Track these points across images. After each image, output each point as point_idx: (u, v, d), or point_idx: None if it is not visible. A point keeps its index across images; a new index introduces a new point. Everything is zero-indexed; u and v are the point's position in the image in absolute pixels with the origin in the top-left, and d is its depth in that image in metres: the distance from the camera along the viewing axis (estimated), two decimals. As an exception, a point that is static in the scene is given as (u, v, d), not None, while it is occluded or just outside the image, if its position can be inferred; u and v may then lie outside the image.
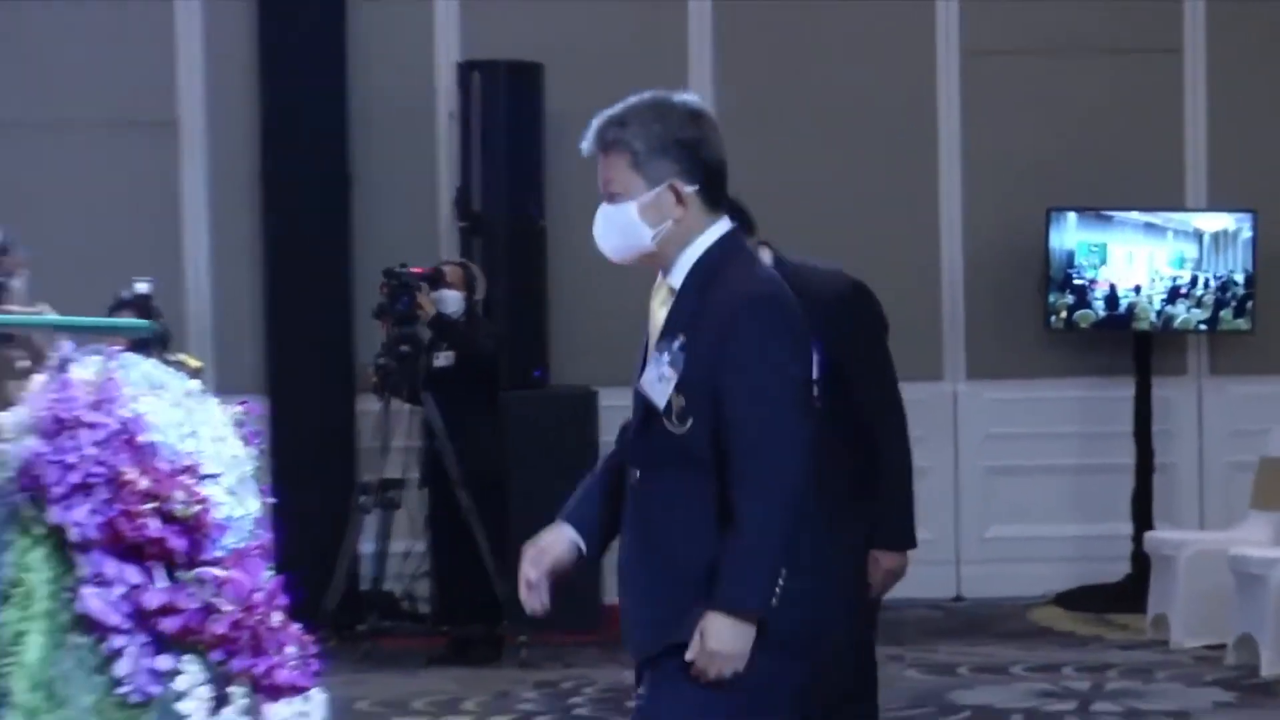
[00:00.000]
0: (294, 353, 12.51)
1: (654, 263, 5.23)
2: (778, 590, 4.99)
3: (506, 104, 12.21)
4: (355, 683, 10.53)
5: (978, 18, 13.17)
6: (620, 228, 5.19)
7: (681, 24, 13.06)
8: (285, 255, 12.58)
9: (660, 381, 5.10)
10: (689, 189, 5.13)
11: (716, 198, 5.20)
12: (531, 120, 12.31)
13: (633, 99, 5.32)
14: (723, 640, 4.99)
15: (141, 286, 10.46)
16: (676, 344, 5.09)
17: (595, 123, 5.26)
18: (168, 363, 4.83)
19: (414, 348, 11.35)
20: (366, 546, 11.81)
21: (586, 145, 5.24)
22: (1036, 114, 13.15)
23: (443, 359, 11.39)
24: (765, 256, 6.48)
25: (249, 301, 12.77)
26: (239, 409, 4.86)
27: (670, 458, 5.09)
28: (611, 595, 12.08)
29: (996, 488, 13.18)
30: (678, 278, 5.17)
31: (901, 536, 6.72)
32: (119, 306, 10.49)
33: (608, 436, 12.21)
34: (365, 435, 11.96)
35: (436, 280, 11.50)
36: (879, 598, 6.75)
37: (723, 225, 5.21)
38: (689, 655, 5.01)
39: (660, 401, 5.07)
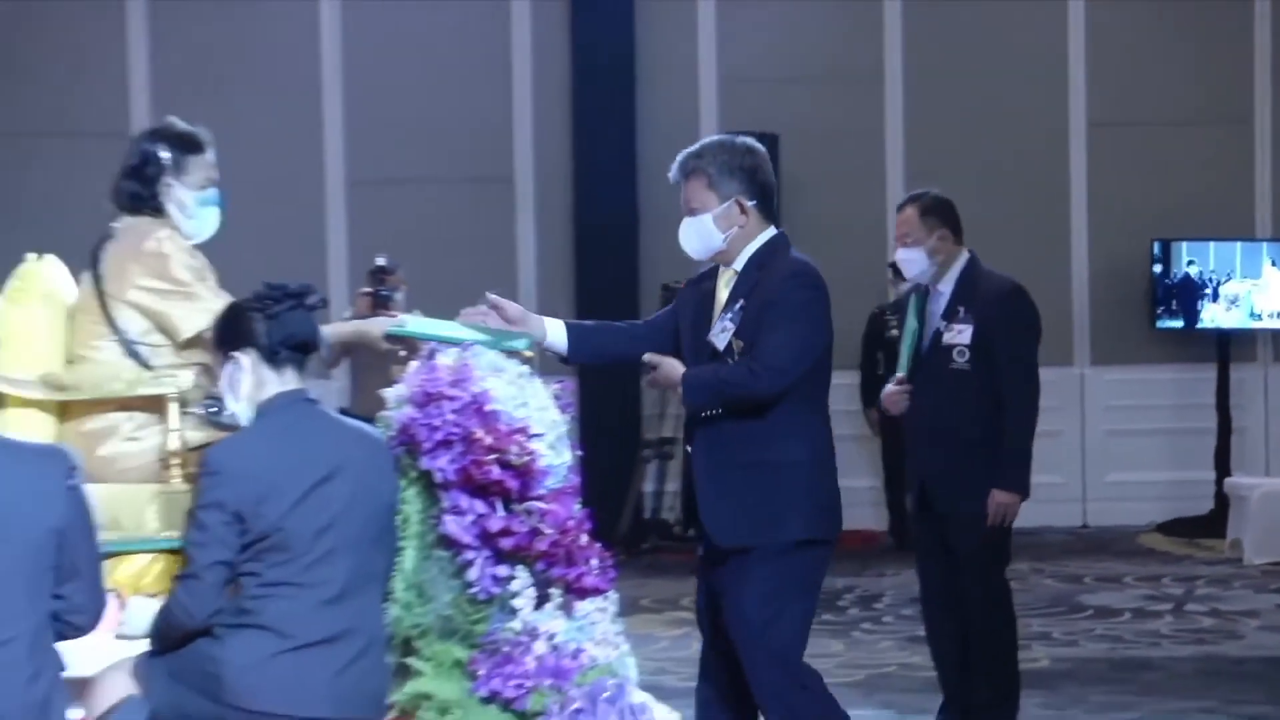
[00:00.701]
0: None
1: (723, 259, 5.29)
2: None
3: (751, 164, 12.12)
4: (639, 586, 10.53)
5: (1100, 93, 12.99)
6: (699, 234, 5.26)
7: (879, 106, 12.97)
8: (590, 276, 12.59)
9: (723, 333, 5.17)
10: (749, 203, 5.19)
11: (769, 210, 5.29)
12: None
13: (704, 139, 5.36)
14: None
15: (380, 259, 10.43)
16: (738, 306, 5.17)
17: (679, 157, 5.28)
18: (509, 353, 4.84)
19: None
20: (648, 486, 11.81)
21: (673, 174, 5.28)
22: (1144, 167, 12.94)
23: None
24: (963, 257, 6.49)
25: (565, 310, 12.76)
26: (557, 386, 4.86)
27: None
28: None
29: (1112, 445, 13.01)
30: (740, 264, 5.23)
31: (1016, 481, 6.43)
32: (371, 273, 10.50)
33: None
34: (647, 405, 11.97)
35: (699, 293, 11.46)
36: (999, 526, 6.50)
37: (772, 230, 5.29)
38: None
39: (721, 346, 5.14)
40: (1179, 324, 12.69)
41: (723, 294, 5.28)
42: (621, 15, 12.71)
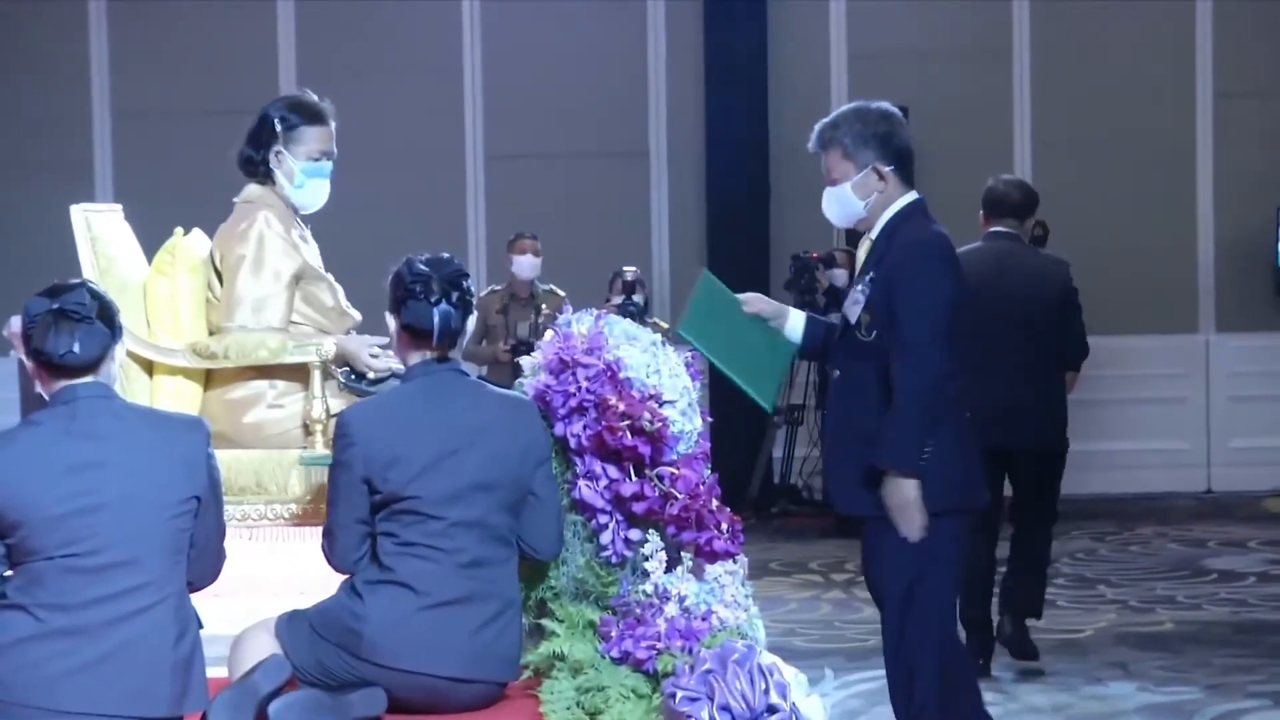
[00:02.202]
0: (727, 315, 12.49)
1: (864, 226, 5.12)
2: (925, 454, 4.82)
3: (879, 138, 12.03)
4: (768, 549, 10.50)
5: (1226, 64, 12.76)
6: (840, 202, 5.12)
7: (1007, 80, 12.81)
8: (720, 247, 12.53)
9: (854, 305, 5.03)
10: (886, 168, 5.02)
11: (908, 174, 5.09)
12: (898, 149, 12.12)
13: (840, 109, 5.18)
14: (890, 494, 4.84)
15: (630, 273, 10.52)
16: (868, 278, 5.01)
17: (816, 127, 5.13)
18: (646, 324, 4.83)
19: (813, 311, 11.25)
20: (777, 452, 11.76)
21: (812, 145, 5.14)
22: (1270, 136, 12.71)
23: (833, 318, 11.29)
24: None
25: (696, 280, 12.74)
26: (688, 354, 4.82)
27: (861, 360, 4.97)
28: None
29: (1237, 411, 12.80)
30: (875, 232, 5.07)
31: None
32: (615, 278, 10.58)
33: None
34: (778, 372, 11.89)
35: (830, 262, 11.44)
36: None
37: (911, 195, 5.09)
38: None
39: (853, 319, 5.01)
40: (1305, 291, 12.49)
41: (860, 258, 5.19)
42: (755, -8, 12.67)
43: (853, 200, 5.09)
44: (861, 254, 5.18)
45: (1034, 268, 7.22)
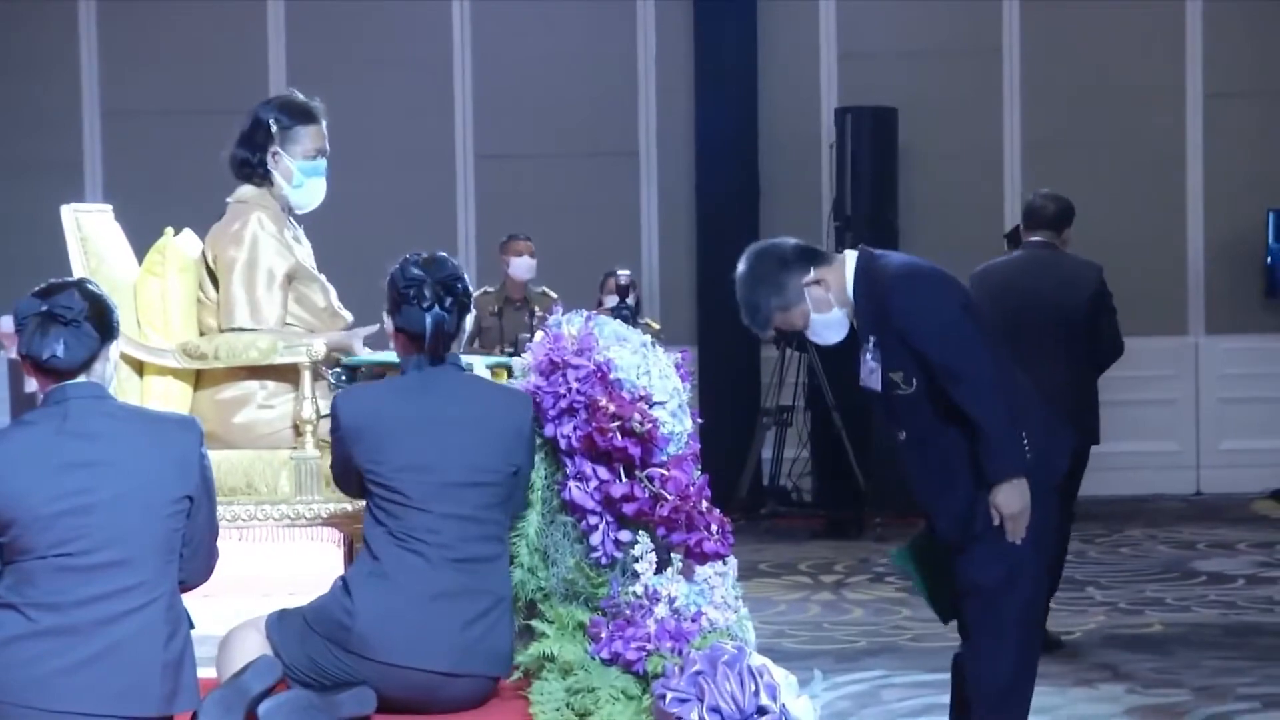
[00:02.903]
0: (717, 315, 12.47)
1: (851, 316, 5.03)
2: (1027, 451, 4.85)
3: (870, 138, 12.05)
4: (758, 550, 10.51)
5: (1217, 64, 12.78)
6: (830, 329, 5.06)
7: (997, 79, 12.82)
8: (711, 246, 12.53)
9: (871, 375, 4.98)
10: (807, 278, 4.98)
11: (815, 256, 5.03)
12: (888, 149, 12.12)
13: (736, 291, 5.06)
14: (1010, 502, 4.84)
15: (624, 277, 10.52)
16: (871, 343, 4.97)
17: (748, 321, 5.07)
18: (637, 325, 4.83)
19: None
20: (766, 453, 11.77)
21: (765, 334, 5.17)
22: (1261, 137, 12.73)
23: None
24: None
25: (686, 281, 12.79)
26: (678, 355, 4.83)
27: (916, 410, 4.94)
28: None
29: (1226, 413, 12.82)
30: (852, 309, 5.02)
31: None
32: (607, 278, 10.59)
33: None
34: (766, 374, 11.90)
35: (819, 263, 11.43)
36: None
37: (847, 259, 5.03)
38: (996, 523, 4.88)
39: (879, 387, 4.95)
40: (1294, 294, 12.51)
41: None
42: (744, -9, 12.69)
43: (830, 320, 5.05)
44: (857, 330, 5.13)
45: (1066, 272, 7.59)
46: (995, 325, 5.18)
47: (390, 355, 4.69)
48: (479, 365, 4.95)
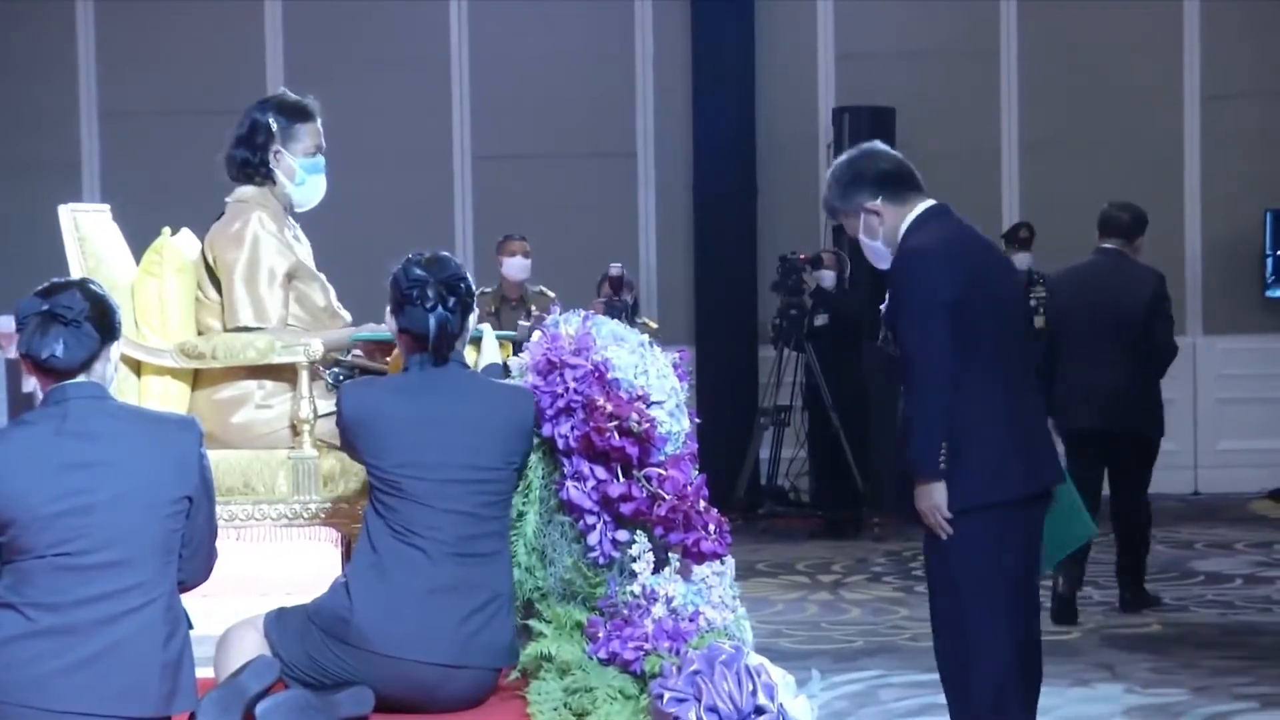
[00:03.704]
0: (714, 315, 12.52)
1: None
2: (942, 457, 4.82)
3: (868, 138, 11.93)
4: (755, 550, 10.52)
5: (1214, 65, 12.79)
6: (869, 252, 5.17)
7: (994, 80, 12.84)
8: (708, 247, 12.57)
9: (883, 328, 5.13)
10: (874, 202, 5.09)
11: (900, 192, 5.12)
12: (885, 149, 12.16)
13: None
14: (918, 496, 4.87)
15: (615, 269, 10.56)
16: (888, 295, 5.03)
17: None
18: (634, 324, 4.83)
19: (800, 312, 11.32)
20: (764, 453, 11.78)
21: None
22: (1258, 138, 12.75)
23: (820, 320, 11.37)
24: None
25: (684, 281, 12.80)
26: (676, 355, 4.83)
27: (898, 375, 5.01)
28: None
29: (1224, 413, 12.85)
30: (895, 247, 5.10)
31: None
32: (603, 280, 10.61)
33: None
34: (764, 373, 11.90)
35: (817, 263, 11.46)
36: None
37: (918, 208, 5.11)
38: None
39: (880, 340, 5.19)
40: (1291, 294, 12.54)
41: None
42: (742, -8, 12.70)
43: (872, 245, 5.12)
44: None
45: (1129, 278, 8.26)
46: (1018, 332, 5.10)
47: (386, 332, 4.70)
48: (488, 334, 4.95)
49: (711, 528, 4.45)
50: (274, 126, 5.19)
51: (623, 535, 4.47)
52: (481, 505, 4.37)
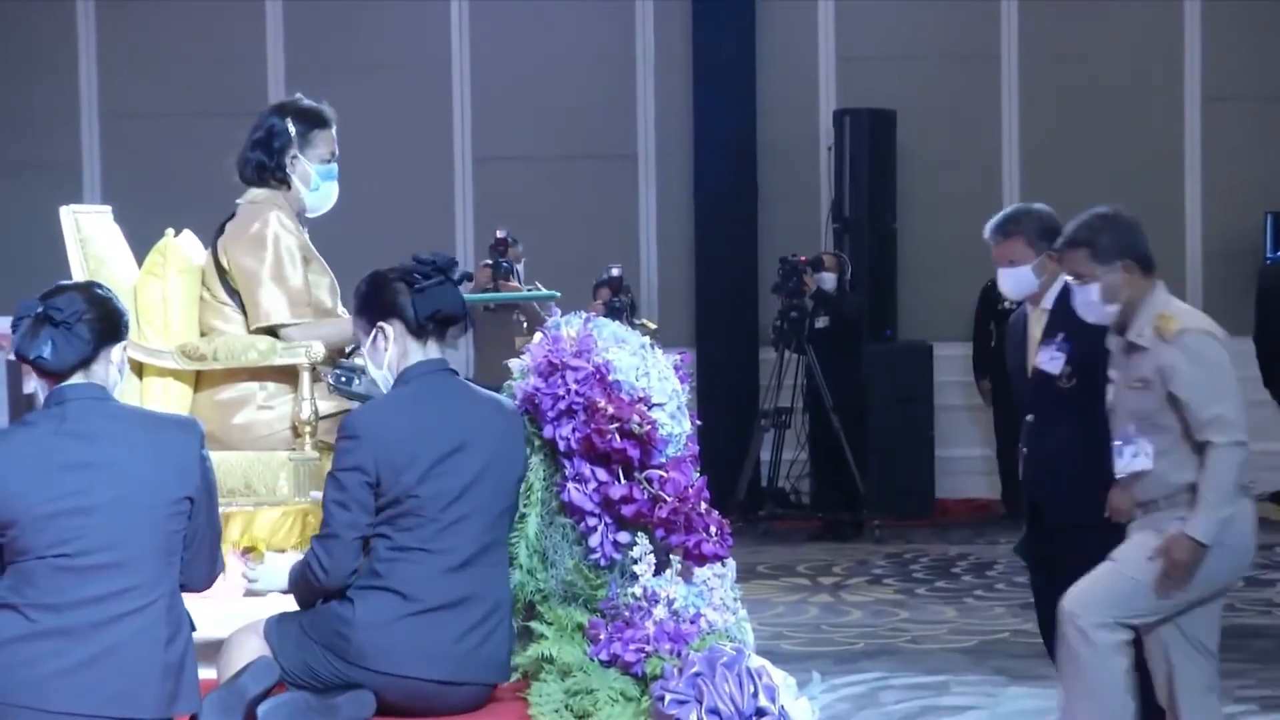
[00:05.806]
0: (715, 317, 12.52)
1: (1033, 300, 5.92)
2: None
3: (869, 140, 12.07)
4: (756, 552, 10.52)
5: (1214, 68, 12.79)
6: (1019, 281, 5.95)
7: (995, 83, 12.83)
8: (709, 249, 12.57)
9: (1052, 361, 5.69)
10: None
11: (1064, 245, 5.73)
12: (886, 151, 12.16)
13: (1015, 209, 6.28)
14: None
15: (615, 270, 10.57)
16: (1060, 338, 5.69)
17: (996, 221, 6.08)
18: (633, 325, 4.83)
19: (800, 314, 11.33)
20: (765, 455, 11.78)
21: (989, 234, 6.00)
22: (1259, 141, 12.75)
23: (821, 322, 11.40)
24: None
25: (684, 283, 12.80)
26: (677, 357, 4.83)
27: (1061, 403, 5.68)
28: (941, 492, 12.04)
29: (1224, 415, 12.80)
30: (1048, 303, 5.82)
31: None
32: (600, 285, 10.62)
33: (941, 378, 12.23)
34: (765, 375, 11.90)
35: (817, 265, 11.47)
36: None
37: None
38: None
39: (1056, 371, 5.67)
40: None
41: (1035, 330, 5.83)
42: (743, -6, 12.70)
43: (1014, 273, 5.92)
44: (1034, 322, 5.87)
45: None
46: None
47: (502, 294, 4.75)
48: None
49: (713, 530, 4.45)
50: (292, 131, 5.19)
51: (624, 537, 4.46)
52: (483, 510, 4.36)
